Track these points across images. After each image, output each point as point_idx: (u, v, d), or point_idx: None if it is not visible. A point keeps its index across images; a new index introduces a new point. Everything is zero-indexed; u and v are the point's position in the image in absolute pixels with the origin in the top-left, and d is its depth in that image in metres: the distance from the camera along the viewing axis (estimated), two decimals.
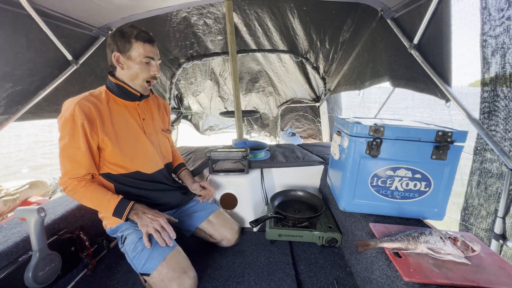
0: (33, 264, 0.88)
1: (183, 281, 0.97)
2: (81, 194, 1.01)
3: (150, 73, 1.09)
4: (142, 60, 1.06)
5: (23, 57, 1.38)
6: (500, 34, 0.98)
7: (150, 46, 1.07)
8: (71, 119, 0.96)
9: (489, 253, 0.83)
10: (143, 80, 1.10)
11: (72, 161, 0.99)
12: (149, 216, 1.03)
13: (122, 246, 1.07)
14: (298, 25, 2.26)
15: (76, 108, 0.96)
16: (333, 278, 1.09)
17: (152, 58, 1.08)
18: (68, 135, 0.97)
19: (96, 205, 1.03)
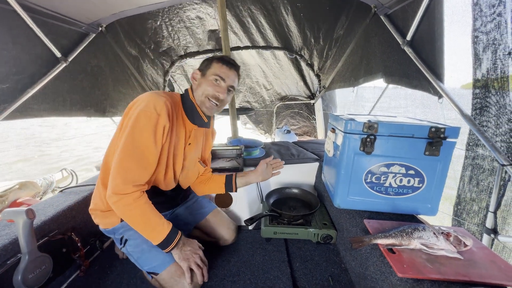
0: (22, 267, 0.86)
1: (193, 276, 0.98)
2: (139, 211, 0.91)
3: (212, 91, 1.03)
4: (212, 77, 1.03)
5: (8, 54, 1.33)
6: (491, 30, 0.98)
7: (227, 69, 1.05)
8: (155, 116, 0.90)
9: (481, 247, 0.85)
10: (205, 95, 1.04)
11: (142, 163, 0.91)
12: (189, 249, 1.00)
13: (123, 247, 1.05)
14: (292, 22, 2.24)
15: (164, 108, 0.91)
16: (328, 275, 1.10)
17: (222, 79, 1.04)
18: (147, 132, 0.89)
19: (149, 228, 0.93)
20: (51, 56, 1.56)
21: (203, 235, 1.32)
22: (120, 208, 0.90)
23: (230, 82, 1.06)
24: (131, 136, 0.89)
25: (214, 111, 1.08)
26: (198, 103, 1.06)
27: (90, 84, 1.93)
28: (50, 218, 1.08)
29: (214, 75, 1.03)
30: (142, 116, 0.89)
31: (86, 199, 1.28)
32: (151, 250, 0.98)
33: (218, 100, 1.05)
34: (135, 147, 0.89)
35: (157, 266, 0.97)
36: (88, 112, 1.97)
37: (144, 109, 0.89)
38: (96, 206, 1.08)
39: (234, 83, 1.08)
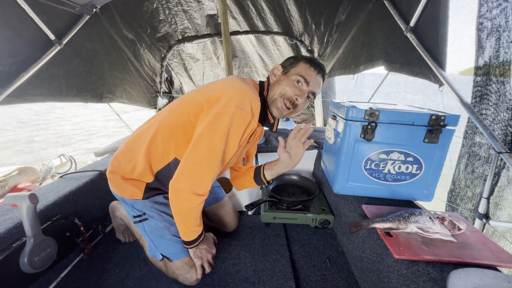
0: (28, 250, 0.87)
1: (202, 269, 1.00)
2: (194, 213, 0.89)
3: (290, 92, 0.92)
4: (295, 77, 0.93)
5: (0, 36, 1.29)
6: (496, 16, 0.97)
7: (314, 72, 0.93)
8: (250, 117, 0.82)
9: (474, 231, 0.88)
10: (280, 95, 0.93)
11: (220, 165, 0.85)
12: (204, 247, 1.00)
13: (138, 222, 1.02)
14: (293, 6, 2.18)
15: (258, 109, 0.84)
16: (326, 257, 1.14)
17: (306, 82, 0.92)
18: (237, 133, 0.82)
19: (189, 227, 0.93)
20: (45, 39, 1.51)
21: (206, 220, 1.34)
22: (181, 205, 0.88)
23: (314, 87, 0.94)
24: (217, 135, 0.81)
25: (283, 115, 0.97)
26: (269, 101, 0.96)
27: (86, 69, 1.89)
28: (52, 203, 1.09)
29: (298, 75, 0.92)
30: (238, 115, 0.80)
31: (87, 184, 1.29)
32: (172, 239, 0.98)
33: (293, 104, 0.94)
34: (219, 150, 0.82)
35: (174, 254, 0.98)
36: (85, 98, 1.93)
37: (240, 106, 0.80)
38: (117, 170, 1.02)
39: (317, 90, 0.96)
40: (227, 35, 1.83)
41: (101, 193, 1.35)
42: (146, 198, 1.02)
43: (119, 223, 1.25)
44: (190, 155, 0.84)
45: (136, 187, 1.01)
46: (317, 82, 0.95)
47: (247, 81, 0.93)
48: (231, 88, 0.84)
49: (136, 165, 0.99)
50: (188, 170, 0.84)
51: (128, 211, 1.06)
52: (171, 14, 2.23)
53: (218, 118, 0.80)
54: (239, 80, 0.88)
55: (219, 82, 0.92)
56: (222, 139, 0.81)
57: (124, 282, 1.01)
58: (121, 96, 2.36)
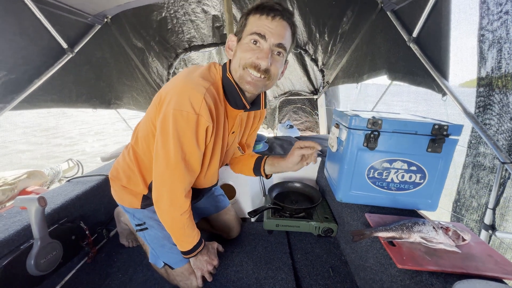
0: (35, 252, 0.89)
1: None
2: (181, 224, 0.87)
3: (250, 58, 0.75)
4: (248, 38, 0.75)
5: (16, 45, 1.34)
6: (497, 28, 0.99)
7: (267, 20, 0.73)
8: (194, 117, 0.72)
9: (479, 242, 0.87)
10: (242, 66, 0.77)
11: (187, 175, 0.82)
12: (205, 258, 0.99)
13: (140, 231, 1.03)
14: (298, 16, 2.23)
15: (204, 105, 0.72)
16: (329, 266, 1.13)
17: (262, 37, 0.73)
18: (187, 137, 0.75)
19: (182, 238, 0.91)
20: (57, 47, 1.57)
21: (209, 227, 1.34)
22: (164, 219, 0.88)
23: (276, 38, 0.74)
24: (168, 144, 0.76)
25: (259, 87, 0.80)
26: (236, 80, 0.81)
27: (95, 76, 1.95)
28: (59, 206, 1.11)
29: (251, 34, 0.74)
30: (178, 118, 0.72)
31: (93, 189, 1.31)
32: (172, 248, 0.98)
33: (261, 71, 0.76)
34: (176, 158, 0.77)
35: (174, 263, 0.98)
36: (94, 104, 1.99)
37: (179, 108, 0.71)
38: (116, 177, 1.02)
39: (284, 39, 0.75)
40: None
41: (106, 198, 1.37)
42: (144, 207, 1.02)
43: (123, 227, 1.26)
44: (155, 169, 0.82)
45: (133, 196, 1.01)
46: (279, 29, 0.74)
47: (194, 73, 0.79)
48: (171, 87, 0.76)
49: (131, 176, 0.99)
50: (159, 183, 0.83)
51: (131, 220, 1.07)
52: (179, 24, 2.29)
53: (163, 126, 0.75)
54: (183, 75, 0.78)
55: (169, 81, 0.84)
56: (174, 147, 0.76)
57: (126, 286, 1.02)
58: (128, 102, 2.41)
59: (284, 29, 0.75)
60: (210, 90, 0.76)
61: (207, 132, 0.79)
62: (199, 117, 0.73)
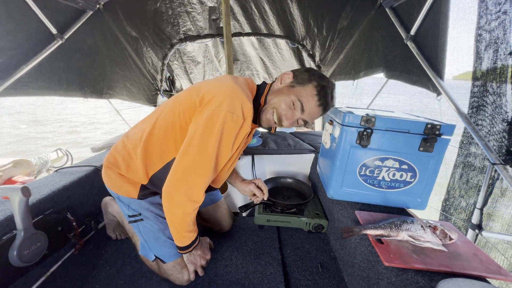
0: (17, 243, 0.87)
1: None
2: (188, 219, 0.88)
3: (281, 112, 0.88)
4: (294, 97, 0.86)
5: (2, 28, 1.29)
6: (494, 28, 0.98)
7: (315, 104, 0.86)
8: (241, 121, 0.79)
9: (465, 241, 0.88)
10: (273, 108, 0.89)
11: (212, 172, 0.84)
12: (198, 253, 0.99)
13: (133, 222, 1.01)
14: (296, 10, 2.19)
15: (251, 112, 0.80)
16: (318, 262, 1.14)
17: (301, 109, 0.86)
18: (229, 138, 0.80)
19: (182, 233, 0.91)
20: (46, 33, 1.51)
21: (200, 220, 1.34)
22: (175, 213, 0.87)
23: (307, 117, 0.89)
24: (208, 140, 0.79)
25: (269, 126, 0.95)
26: (263, 107, 0.92)
27: (87, 64, 1.89)
28: (45, 196, 1.09)
29: (298, 98, 0.86)
30: (228, 119, 0.77)
31: (81, 180, 1.29)
32: (166, 241, 0.98)
33: (279, 123, 0.90)
34: (212, 155, 0.80)
35: (167, 256, 0.98)
36: (85, 93, 1.93)
37: (232, 110, 0.77)
38: (114, 164, 0.98)
39: (310, 120, 0.91)
40: (229, 36, 1.84)
41: (95, 189, 1.35)
42: (141, 197, 1.00)
43: (111, 219, 1.24)
44: (182, 160, 0.82)
45: (131, 185, 0.99)
46: (314, 113, 0.89)
47: (239, 81, 0.89)
48: (223, 90, 0.81)
49: (131, 164, 0.96)
50: (180, 175, 0.82)
51: (124, 210, 1.03)
52: (174, 15, 2.24)
53: (209, 122, 0.78)
54: (232, 81, 0.85)
55: (212, 81, 0.89)
56: (214, 145, 0.79)
57: (114, 279, 1.01)
58: (121, 92, 2.36)
59: (317, 115, 0.91)
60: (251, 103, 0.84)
61: (245, 136, 0.86)
62: (244, 122, 0.81)
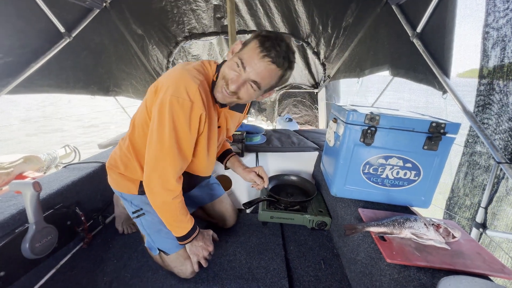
0: (30, 236, 0.90)
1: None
2: (173, 208, 0.89)
3: (226, 76, 0.81)
4: (237, 57, 0.78)
5: (12, 27, 1.32)
6: (502, 26, 0.97)
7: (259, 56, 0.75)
8: (189, 103, 0.77)
9: (469, 240, 0.88)
10: (222, 77, 0.83)
11: (178, 160, 0.84)
12: (200, 244, 1.00)
13: (136, 217, 1.05)
14: (301, 7, 2.19)
15: (197, 94, 0.78)
16: (321, 259, 1.15)
17: (244, 67, 0.77)
18: (181, 122, 0.79)
19: (174, 223, 0.93)
20: (55, 31, 1.54)
21: (205, 216, 1.36)
22: (155, 202, 0.90)
23: (253, 75, 0.77)
24: (163, 128, 0.80)
25: (227, 101, 0.87)
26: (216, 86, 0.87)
27: (94, 62, 1.92)
28: (55, 191, 1.12)
29: (239, 57, 0.78)
30: (175, 104, 0.77)
31: (89, 175, 1.32)
32: (168, 233, 0.99)
33: (229, 91, 0.81)
34: (170, 142, 0.81)
35: (170, 248, 1.00)
36: (91, 90, 1.97)
37: (176, 94, 0.76)
38: (114, 165, 1.05)
39: (262, 80, 0.78)
40: (234, 34, 1.85)
41: (102, 185, 1.38)
42: (141, 193, 1.04)
43: (121, 211, 1.27)
44: (149, 152, 0.85)
45: (131, 182, 1.04)
46: (261, 68, 0.76)
47: (190, 66, 0.85)
48: (169, 77, 0.81)
49: (128, 164, 1.02)
50: (151, 166, 0.85)
51: (128, 207, 1.09)
52: (179, 13, 2.25)
53: (159, 111, 0.79)
54: (180, 67, 0.83)
55: (166, 72, 0.89)
56: (169, 132, 0.79)
57: (121, 272, 1.04)
58: (127, 90, 2.39)
59: (268, 72, 0.77)
60: (203, 83, 0.83)
61: (201, 119, 0.83)
62: (193, 104, 0.79)
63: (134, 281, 0.99)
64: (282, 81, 0.84)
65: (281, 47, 0.75)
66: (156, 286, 0.97)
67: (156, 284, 0.99)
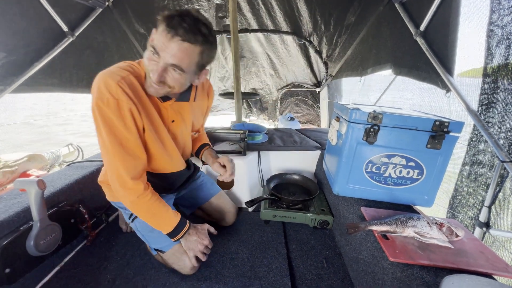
0: (34, 233, 0.91)
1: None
2: (145, 207, 0.90)
3: (148, 67, 0.78)
4: (149, 47, 0.76)
5: (16, 26, 1.33)
6: (507, 24, 0.96)
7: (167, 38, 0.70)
8: (113, 101, 0.76)
9: (472, 238, 0.88)
10: (148, 79, 0.81)
11: (128, 153, 0.83)
12: (194, 239, 0.99)
13: (131, 222, 1.07)
14: (303, 6, 2.18)
15: (119, 89, 0.76)
16: (323, 257, 1.15)
17: (157, 53, 0.73)
18: (113, 121, 0.78)
19: (155, 222, 0.94)
20: (58, 30, 1.55)
21: (205, 215, 1.36)
22: (126, 203, 0.92)
23: (170, 59, 0.73)
24: (101, 133, 0.80)
25: (160, 93, 0.84)
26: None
27: (96, 60, 1.93)
28: (59, 190, 1.13)
29: (152, 45, 0.74)
30: (101, 107, 0.76)
31: (92, 174, 1.32)
32: (160, 232, 1.00)
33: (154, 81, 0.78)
34: (111, 144, 0.81)
35: (164, 246, 1.01)
36: None
37: (99, 97, 0.76)
38: (105, 179, 1.09)
39: (180, 62, 0.74)
40: (236, 33, 1.85)
41: None
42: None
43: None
44: (102, 157, 0.87)
45: None
46: (175, 51, 0.71)
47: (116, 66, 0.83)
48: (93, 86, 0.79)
49: None
50: (107, 170, 0.87)
51: (125, 216, 1.12)
52: None
53: (93, 118, 0.80)
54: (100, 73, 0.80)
55: None
56: (107, 135, 0.79)
57: (124, 270, 1.04)
58: None
59: (183, 52, 0.72)
60: (127, 78, 0.79)
61: (133, 114, 0.80)
62: (118, 101, 0.76)
63: (137, 278, 1.00)
64: (206, 57, 0.80)
65: (187, 22, 0.70)
66: (159, 284, 0.98)
67: (159, 281, 0.99)
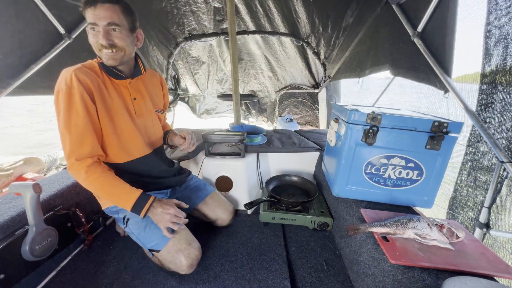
0: (30, 238, 0.89)
1: (189, 251, 1.01)
2: (96, 183, 0.94)
3: (95, 42, 0.92)
4: (88, 27, 0.91)
5: (12, 28, 1.32)
6: (504, 24, 0.96)
7: (92, 10, 0.88)
8: (67, 88, 0.88)
9: (472, 240, 0.87)
10: (96, 49, 0.94)
11: (73, 137, 0.91)
12: (159, 210, 0.99)
13: (125, 226, 1.08)
14: (301, 7, 2.19)
15: (74, 78, 0.89)
16: (323, 260, 1.14)
17: (95, 25, 0.89)
18: (66, 108, 0.89)
19: (114, 197, 0.97)
20: (55, 33, 1.54)
21: (202, 216, 1.35)
22: (80, 182, 0.95)
23: (104, 20, 0.88)
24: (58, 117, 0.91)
25: (118, 59, 0.96)
26: (103, 61, 0.98)
27: None
28: (55, 193, 1.11)
29: (88, 26, 0.91)
30: (59, 94, 0.89)
31: None
32: (150, 227, 1.01)
33: (108, 48, 0.92)
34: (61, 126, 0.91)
35: (158, 244, 1.01)
36: None
37: (58, 87, 0.90)
38: None
39: (112, 18, 0.90)
40: (234, 35, 1.85)
41: None
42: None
43: None
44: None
45: None
46: (103, 13, 0.88)
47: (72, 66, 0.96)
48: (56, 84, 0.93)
49: None
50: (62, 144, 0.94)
51: (118, 221, 1.12)
52: (179, 14, 2.25)
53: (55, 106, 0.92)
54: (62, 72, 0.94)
55: None
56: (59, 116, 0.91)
57: (122, 274, 1.03)
58: None
59: (108, 10, 0.89)
60: (81, 69, 0.93)
61: (85, 100, 0.91)
62: (71, 87, 0.89)
63: (134, 282, 0.99)
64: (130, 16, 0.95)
65: None
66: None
67: (157, 285, 0.98)
